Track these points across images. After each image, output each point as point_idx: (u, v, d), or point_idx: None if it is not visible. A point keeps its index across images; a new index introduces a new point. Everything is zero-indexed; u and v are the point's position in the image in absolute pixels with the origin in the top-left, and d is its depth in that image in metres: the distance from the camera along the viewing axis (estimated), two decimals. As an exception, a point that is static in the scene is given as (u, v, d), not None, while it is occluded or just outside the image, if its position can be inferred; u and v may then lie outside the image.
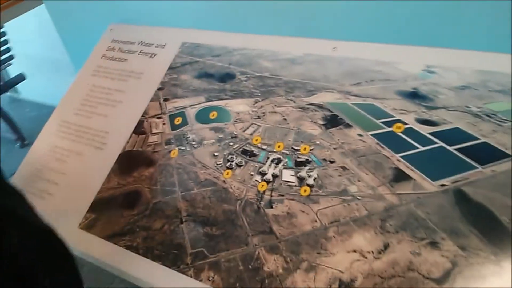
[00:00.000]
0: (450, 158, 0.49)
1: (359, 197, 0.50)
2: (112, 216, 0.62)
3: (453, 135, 0.50)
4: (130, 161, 0.66)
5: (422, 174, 0.49)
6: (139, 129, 0.69)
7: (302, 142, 0.57)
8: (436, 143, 0.50)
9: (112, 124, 0.72)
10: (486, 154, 0.48)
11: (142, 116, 0.70)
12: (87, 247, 0.61)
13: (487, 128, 0.49)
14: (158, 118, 0.69)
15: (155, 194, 0.61)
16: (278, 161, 0.57)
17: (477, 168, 0.47)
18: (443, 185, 0.47)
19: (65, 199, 0.67)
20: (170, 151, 0.64)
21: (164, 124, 0.68)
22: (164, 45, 0.77)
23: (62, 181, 0.69)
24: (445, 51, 0.56)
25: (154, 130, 0.68)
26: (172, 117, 0.68)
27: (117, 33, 0.84)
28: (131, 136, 0.69)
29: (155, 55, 0.77)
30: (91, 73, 0.80)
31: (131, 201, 0.62)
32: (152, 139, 0.67)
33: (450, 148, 0.49)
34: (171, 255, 0.55)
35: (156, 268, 0.55)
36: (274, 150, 0.58)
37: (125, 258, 0.58)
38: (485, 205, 0.45)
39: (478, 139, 0.49)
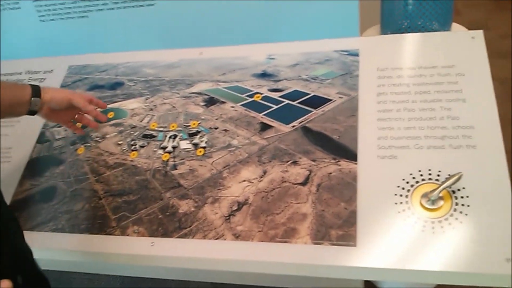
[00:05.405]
0: (295, 109, 0.70)
1: (240, 146, 0.68)
2: (32, 211, 0.69)
3: (294, 95, 0.72)
4: (39, 165, 0.74)
5: (279, 122, 0.69)
6: (43, 139, 0.77)
7: (191, 119, 0.73)
8: (284, 102, 0.72)
9: (14, 140, 0.78)
10: (317, 101, 0.70)
11: (42, 128, 0.79)
12: (11, 242, 0.66)
13: (314, 86, 0.73)
14: (59, 127, 0.78)
15: (70, 184, 0.71)
16: (175, 136, 0.72)
17: (313, 111, 0.69)
18: (293, 126, 0.68)
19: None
20: (76, 149, 0.75)
21: (65, 130, 0.77)
22: (52, 71, 0.87)
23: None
24: (279, 44, 0.79)
25: (57, 137, 0.77)
26: (72, 123, 0.78)
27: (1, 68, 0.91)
28: (35, 146, 0.77)
29: (44, 79, 0.86)
30: (-22, 103, 0.85)
31: (48, 195, 0.70)
32: (56, 144, 0.76)
33: (294, 103, 0.71)
34: (96, 225, 0.65)
35: (85, 238, 0.65)
36: (170, 129, 0.73)
37: (53, 240, 0.66)
38: (322, 132, 0.67)
39: (309, 94, 0.72)
